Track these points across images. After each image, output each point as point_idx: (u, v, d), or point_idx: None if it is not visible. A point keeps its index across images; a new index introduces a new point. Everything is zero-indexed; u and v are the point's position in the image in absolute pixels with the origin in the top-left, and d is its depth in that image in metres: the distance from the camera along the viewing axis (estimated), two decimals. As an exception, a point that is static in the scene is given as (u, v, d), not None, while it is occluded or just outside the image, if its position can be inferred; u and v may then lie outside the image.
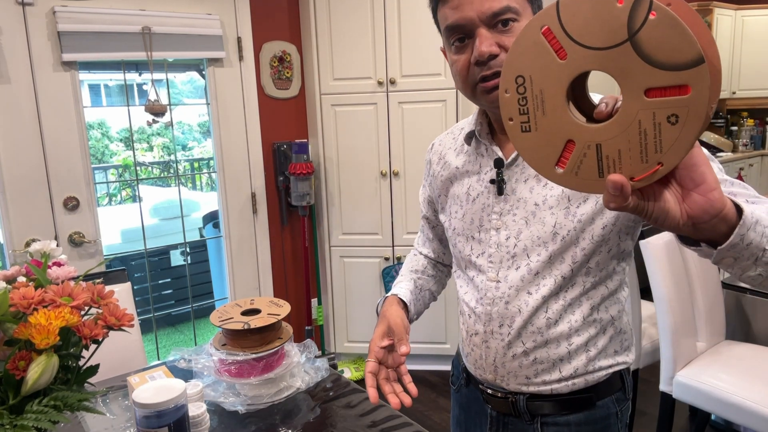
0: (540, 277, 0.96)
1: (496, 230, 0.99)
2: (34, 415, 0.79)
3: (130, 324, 0.90)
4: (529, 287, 0.97)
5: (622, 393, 1.04)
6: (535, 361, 0.99)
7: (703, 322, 2.14)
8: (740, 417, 1.86)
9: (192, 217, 4.35)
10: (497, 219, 0.99)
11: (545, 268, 0.95)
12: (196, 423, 1.15)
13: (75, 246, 2.47)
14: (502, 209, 0.99)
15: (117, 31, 2.44)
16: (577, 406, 0.99)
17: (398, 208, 3.00)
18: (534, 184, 0.96)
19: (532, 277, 0.96)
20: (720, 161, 4.09)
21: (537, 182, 0.96)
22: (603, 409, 1.01)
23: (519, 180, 0.98)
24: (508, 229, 0.98)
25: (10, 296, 0.83)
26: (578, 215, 0.93)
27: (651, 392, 2.82)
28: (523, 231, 0.96)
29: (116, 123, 5.79)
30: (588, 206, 0.92)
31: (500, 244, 0.99)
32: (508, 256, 0.98)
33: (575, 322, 0.97)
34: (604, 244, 0.94)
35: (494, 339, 1.01)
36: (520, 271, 0.97)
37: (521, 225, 0.97)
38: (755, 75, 5.28)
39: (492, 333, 1.01)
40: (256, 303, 1.43)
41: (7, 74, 2.24)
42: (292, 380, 1.38)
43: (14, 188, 2.30)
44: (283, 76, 3.02)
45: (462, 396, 1.17)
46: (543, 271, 0.96)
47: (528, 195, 0.96)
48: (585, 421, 1.00)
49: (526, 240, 0.96)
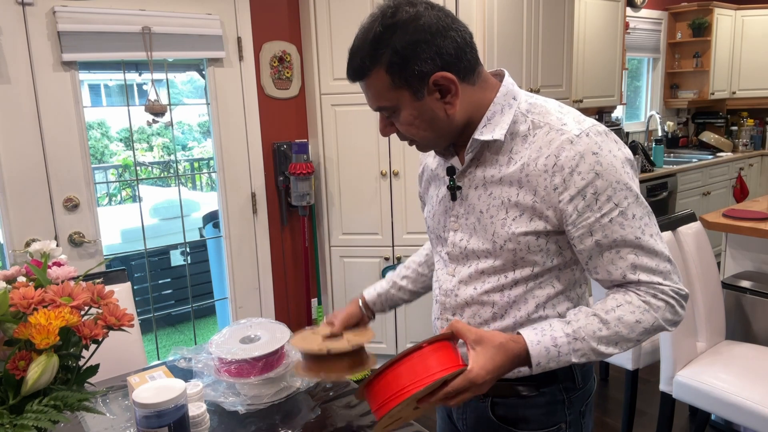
0: (485, 275, 1.05)
1: (454, 231, 1.09)
2: (34, 414, 0.79)
3: (130, 324, 0.90)
4: (475, 283, 1.06)
5: (572, 383, 1.09)
6: None
7: (703, 322, 2.14)
8: (740, 417, 1.86)
9: (192, 217, 4.35)
10: (454, 221, 1.09)
11: (489, 269, 1.04)
12: (196, 423, 1.15)
13: (75, 246, 2.47)
14: (458, 213, 1.08)
15: (117, 31, 2.44)
16: (522, 391, 1.07)
17: (398, 208, 3.00)
18: (481, 192, 1.04)
19: (478, 275, 1.06)
20: (720, 161, 4.07)
21: (484, 190, 1.03)
22: (548, 395, 1.08)
23: (470, 187, 1.05)
24: (462, 231, 1.08)
25: (10, 296, 0.83)
26: (513, 227, 0.99)
27: (651, 392, 2.82)
28: (473, 235, 1.05)
29: (116, 123, 5.79)
30: (523, 219, 0.98)
31: (455, 243, 1.09)
32: (462, 255, 1.08)
33: (520, 318, 1.04)
34: (540, 252, 1.00)
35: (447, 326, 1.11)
36: (469, 268, 1.07)
37: (471, 229, 1.06)
38: (755, 75, 5.28)
39: (447, 320, 1.12)
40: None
41: (7, 74, 2.24)
42: (292, 380, 1.38)
43: (14, 188, 2.30)
44: (283, 76, 3.02)
45: None
46: (487, 271, 1.04)
47: (476, 202, 1.04)
48: (530, 405, 1.08)
49: (474, 244, 1.05)
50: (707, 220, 2.50)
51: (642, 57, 5.23)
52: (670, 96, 5.42)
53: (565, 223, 0.96)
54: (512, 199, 0.98)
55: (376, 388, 0.92)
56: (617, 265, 0.95)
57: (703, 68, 5.14)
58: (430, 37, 0.92)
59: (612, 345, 0.95)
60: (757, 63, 5.24)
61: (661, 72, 5.32)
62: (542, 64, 3.25)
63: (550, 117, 0.98)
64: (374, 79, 0.96)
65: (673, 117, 5.58)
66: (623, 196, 0.93)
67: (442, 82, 0.94)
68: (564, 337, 0.93)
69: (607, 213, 0.93)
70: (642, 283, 0.96)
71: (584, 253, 0.98)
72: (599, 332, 0.94)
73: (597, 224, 0.94)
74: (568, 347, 0.93)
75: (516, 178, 0.98)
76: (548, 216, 0.96)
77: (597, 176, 0.92)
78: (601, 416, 2.71)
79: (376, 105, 1.01)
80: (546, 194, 0.95)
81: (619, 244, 0.94)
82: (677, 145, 5.47)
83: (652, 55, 5.23)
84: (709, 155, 5.02)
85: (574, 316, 0.97)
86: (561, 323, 0.96)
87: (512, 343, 0.93)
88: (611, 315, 0.94)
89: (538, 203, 0.96)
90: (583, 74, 3.92)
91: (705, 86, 5.17)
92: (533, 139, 0.98)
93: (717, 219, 2.51)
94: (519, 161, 0.98)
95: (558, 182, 0.94)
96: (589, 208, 0.93)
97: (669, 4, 5.19)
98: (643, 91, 5.43)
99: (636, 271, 0.95)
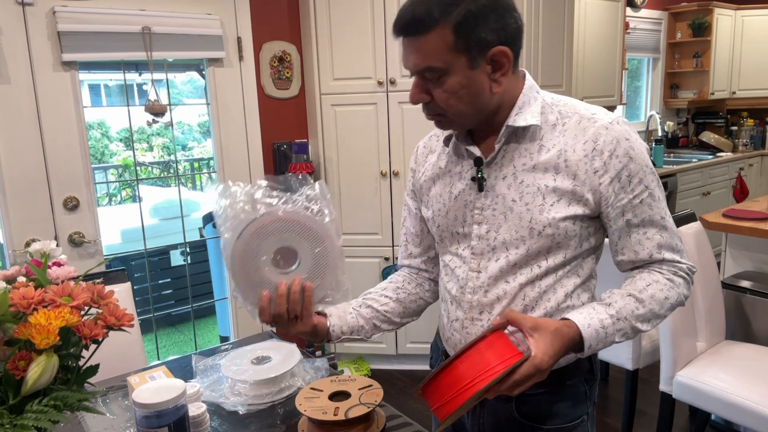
0: (517, 267, 1.04)
1: (478, 224, 1.06)
2: (34, 415, 0.79)
3: (130, 324, 0.90)
4: (507, 276, 1.05)
5: (590, 373, 1.12)
6: None
7: (703, 322, 2.14)
8: (740, 417, 1.86)
9: (192, 217, 4.34)
10: (479, 214, 1.06)
11: (522, 260, 1.03)
12: (196, 423, 1.15)
13: (75, 246, 2.47)
14: (483, 204, 1.05)
15: (117, 31, 2.44)
16: (549, 385, 1.05)
17: (398, 208, 3.00)
18: (511, 181, 1.03)
19: (510, 268, 1.04)
20: (720, 161, 4.08)
21: (513, 179, 1.03)
22: (573, 388, 1.09)
23: (498, 177, 1.04)
24: (488, 223, 1.05)
25: (10, 296, 0.83)
26: (552, 212, 0.99)
27: (651, 392, 2.82)
28: (502, 225, 1.04)
29: (116, 123, 5.79)
30: (561, 204, 0.99)
31: (481, 237, 1.06)
32: (489, 248, 1.05)
33: (550, 309, 1.04)
34: (574, 238, 1.02)
35: (474, 325, 1.08)
36: (499, 262, 1.05)
37: (500, 219, 1.04)
38: (755, 75, 5.28)
39: (472, 319, 1.08)
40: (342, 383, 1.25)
41: (7, 74, 2.24)
42: (292, 380, 1.38)
43: (14, 188, 2.30)
44: (283, 76, 3.02)
45: None
46: (520, 262, 1.03)
47: (506, 191, 1.03)
48: (557, 399, 1.09)
49: (505, 234, 1.03)
50: (707, 220, 2.50)
51: (642, 57, 5.23)
52: (670, 96, 5.42)
53: (605, 205, 1.00)
54: (549, 185, 1.00)
55: (441, 385, 0.91)
56: (644, 245, 1.03)
57: (703, 68, 5.14)
58: (501, 9, 0.93)
59: (646, 322, 1.01)
60: (757, 63, 5.24)
61: (661, 72, 5.32)
62: (542, 64, 3.24)
63: (578, 108, 1.03)
64: (435, 35, 0.92)
65: (673, 117, 5.58)
66: (651, 179, 1.01)
67: (499, 58, 0.94)
68: (609, 319, 0.97)
69: (639, 194, 1.00)
70: (665, 261, 1.04)
71: (615, 233, 1.04)
72: (636, 311, 1.00)
73: (629, 205, 1.00)
74: (613, 328, 0.97)
75: (552, 164, 1.00)
76: (587, 199, 0.99)
77: (631, 160, 0.98)
78: (601, 416, 2.71)
79: (425, 65, 0.95)
80: (587, 177, 0.98)
81: (646, 224, 1.02)
82: (677, 145, 5.47)
83: (652, 55, 5.23)
84: (709, 155, 5.02)
85: (610, 298, 1.01)
86: (602, 306, 0.99)
87: (566, 328, 0.95)
88: (645, 294, 1.01)
89: (578, 187, 0.99)
90: (583, 74, 3.92)
91: (705, 86, 5.16)
92: (564, 127, 1.01)
93: (717, 219, 2.51)
94: (553, 148, 1.00)
95: (598, 165, 0.98)
96: (623, 190, 0.99)
97: (669, 4, 5.19)
98: (643, 91, 5.43)
99: (661, 251, 1.03)
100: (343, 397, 1.19)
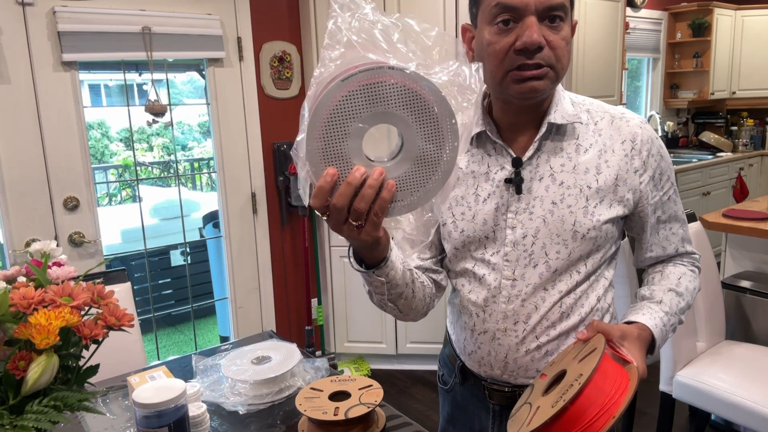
0: (558, 273, 0.99)
1: (512, 229, 0.99)
2: (34, 415, 0.79)
3: (130, 324, 0.90)
4: (546, 284, 0.99)
5: None
6: (546, 353, 1.02)
7: (703, 322, 2.14)
8: (740, 417, 1.86)
9: (192, 217, 4.34)
10: (513, 218, 0.99)
11: (564, 265, 0.98)
12: (196, 423, 1.15)
13: (75, 246, 2.47)
14: (518, 208, 0.99)
15: (117, 31, 2.44)
16: None
17: (398, 208, 3.00)
18: (549, 183, 0.98)
19: (551, 275, 0.98)
20: (720, 161, 4.08)
21: (552, 181, 0.98)
22: None
23: (534, 179, 0.98)
24: (524, 227, 0.98)
25: (10, 296, 0.83)
26: (596, 214, 0.97)
27: (651, 392, 2.82)
28: (541, 229, 0.97)
29: (116, 123, 5.79)
30: (603, 206, 0.98)
31: (516, 242, 0.99)
32: (526, 254, 0.99)
33: (584, 314, 1.02)
34: (610, 240, 1.02)
35: (507, 336, 1.02)
36: (538, 268, 0.98)
37: (539, 223, 0.98)
38: (755, 75, 5.27)
39: (505, 330, 1.02)
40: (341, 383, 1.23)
41: (7, 74, 2.24)
42: (292, 380, 1.38)
43: (14, 188, 2.30)
44: (283, 76, 3.02)
45: (457, 394, 1.17)
46: (561, 268, 0.98)
47: (544, 193, 0.98)
48: None
49: (545, 238, 0.97)
50: (707, 220, 2.50)
51: (642, 57, 5.23)
52: (670, 96, 5.42)
53: (644, 204, 1.01)
54: (592, 186, 0.97)
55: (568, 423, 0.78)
56: (671, 241, 1.07)
57: (703, 68, 5.13)
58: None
59: (684, 314, 1.04)
60: (757, 63, 5.24)
61: (661, 72, 5.32)
62: (542, 64, 3.24)
63: (605, 107, 1.03)
64: None
65: (673, 117, 5.58)
66: (672, 175, 1.04)
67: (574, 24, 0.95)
68: (665, 316, 0.99)
69: (667, 191, 1.03)
70: (687, 254, 1.09)
71: (648, 231, 1.05)
72: (679, 305, 1.03)
73: (659, 202, 1.03)
74: (669, 325, 0.99)
75: (594, 165, 0.97)
76: (628, 199, 0.99)
77: (662, 158, 1.01)
78: (601, 416, 2.71)
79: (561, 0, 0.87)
80: (628, 177, 0.98)
81: (672, 219, 1.05)
82: (677, 145, 5.47)
83: (652, 55, 5.23)
84: (709, 155, 5.02)
85: (656, 295, 1.03)
86: (655, 304, 1.01)
87: (642, 331, 0.94)
88: (681, 287, 1.04)
89: (620, 186, 0.98)
90: (583, 74, 3.92)
91: (705, 86, 5.16)
92: (597, 126, 1.00)
93: (717, 219, 2.51)
94: (591, 148, 0.98)
95: (638, 165, 0.99)
96: (656, 188, 1.01)
97: (669, 4, 5.19)
98: (643, 91, 5.42)
99: (684, 244, 1.08)
100: (343, 397, 1.18)
